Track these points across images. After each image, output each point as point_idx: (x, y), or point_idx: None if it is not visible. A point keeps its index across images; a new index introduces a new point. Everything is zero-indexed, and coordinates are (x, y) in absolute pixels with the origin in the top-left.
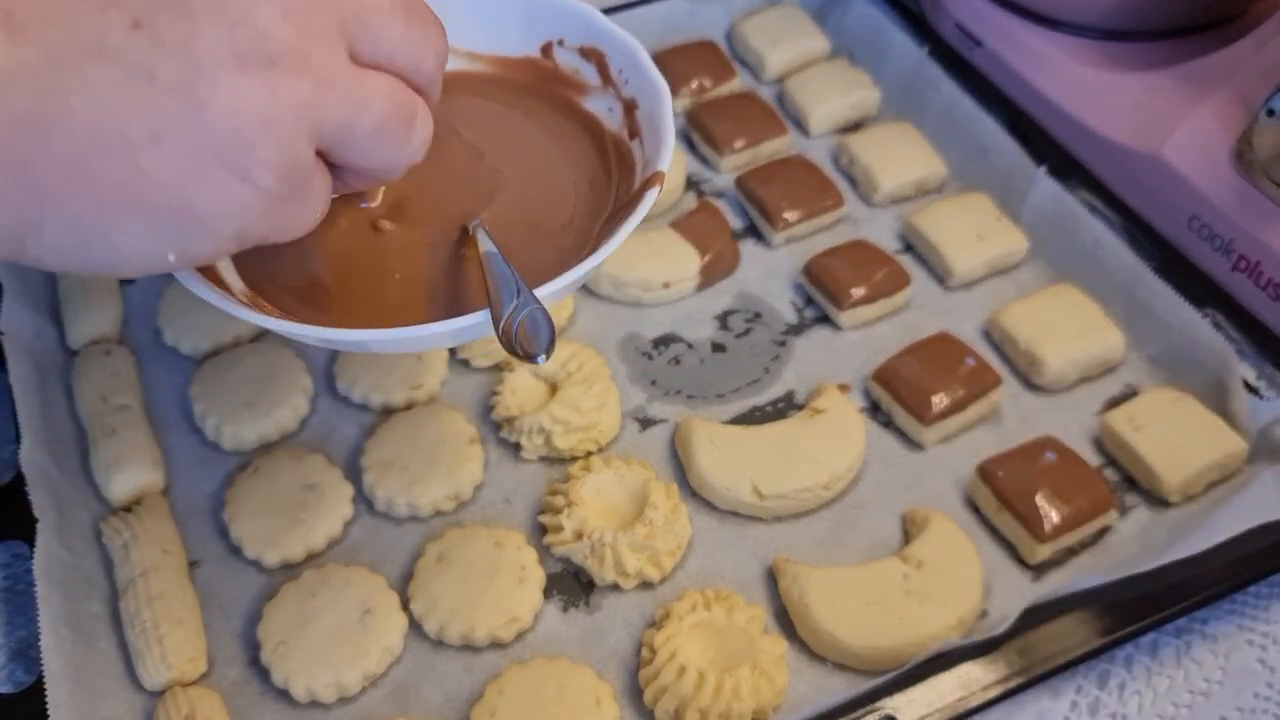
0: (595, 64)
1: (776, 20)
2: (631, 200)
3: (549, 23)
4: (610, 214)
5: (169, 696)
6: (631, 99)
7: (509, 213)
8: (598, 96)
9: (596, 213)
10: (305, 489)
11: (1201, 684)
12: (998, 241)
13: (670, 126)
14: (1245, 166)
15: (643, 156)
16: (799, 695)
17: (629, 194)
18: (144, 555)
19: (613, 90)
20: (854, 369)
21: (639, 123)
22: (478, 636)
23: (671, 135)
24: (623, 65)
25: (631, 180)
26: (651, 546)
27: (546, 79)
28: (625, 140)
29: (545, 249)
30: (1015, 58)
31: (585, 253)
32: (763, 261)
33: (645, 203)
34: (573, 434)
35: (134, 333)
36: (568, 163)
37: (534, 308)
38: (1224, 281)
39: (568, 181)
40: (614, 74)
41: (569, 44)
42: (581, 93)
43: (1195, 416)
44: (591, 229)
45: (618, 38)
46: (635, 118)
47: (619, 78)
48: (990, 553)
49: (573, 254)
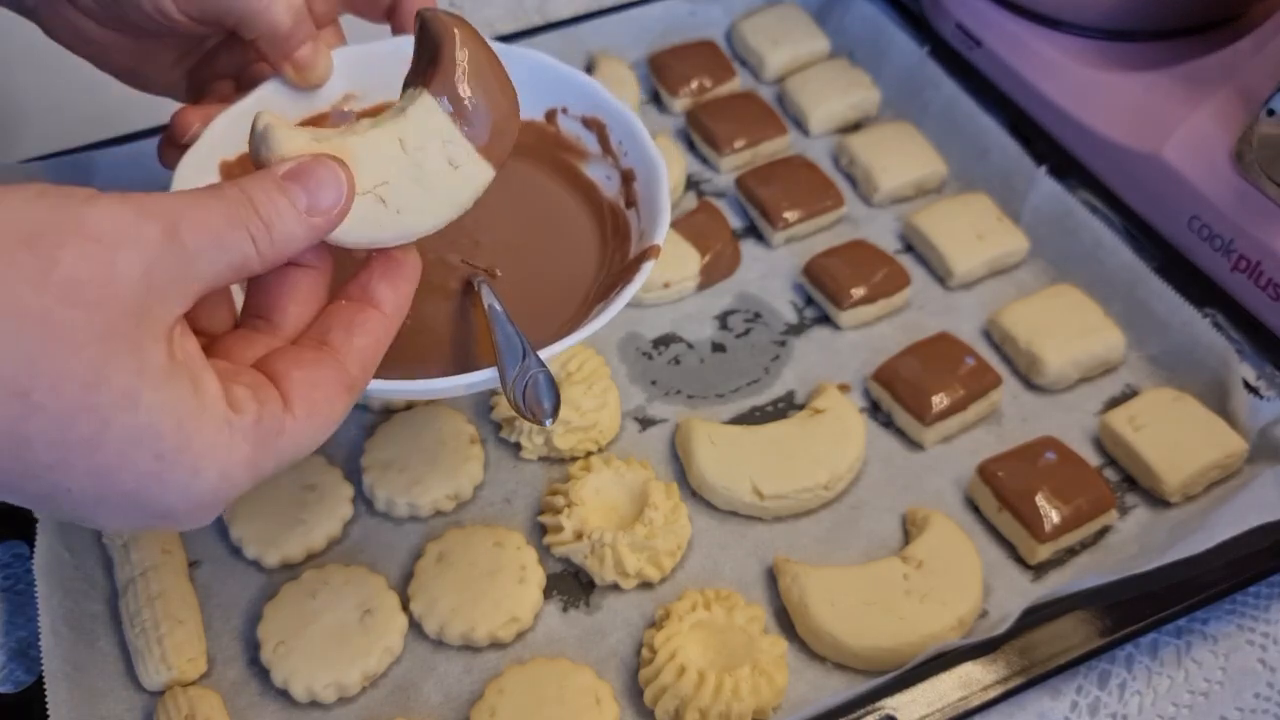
0: (596, 133)
1: (776, 20)
2: (627, 270)
3: (554, 91)
4: (605, 277)
5: (169, 696)
6: (630, 170)
7: (510, 268)
8: (597, 164)
9: (592, 272)
10: (305, 489)
11: (1202, 684)
12: (998, 241)
13: (666, 201)
14: (1245, 167)
15: (638, 227)
16: (799, 695)
17: (624, 261)
18: (144, 555)
19: (611, 160)
20: (854, 369)
21: (636, 193)
22: (478, 636)
23: (668, 210)
24: (622, 138)
25: (627, 247)
26: (651, 546)
27: (549, 143)
28: (622, 209)
29: (544, 304)
30: (1016, 58)
31: (581, 309)
32: (763, 261)
33: (641, 274)
34: (573, 434)
35: None
36: (567, 222)
37: (538, 371)
38: (1224, 281)
39: (566, 240)
40: (613, 144)
41: (572, 112)
42: (582, 159)
43: (1195, 416)
44: (587, 287)
45: (617, 110)
46: (633, 188)
47: (618, 148)
48: (990, 553)
49: (568, 310)
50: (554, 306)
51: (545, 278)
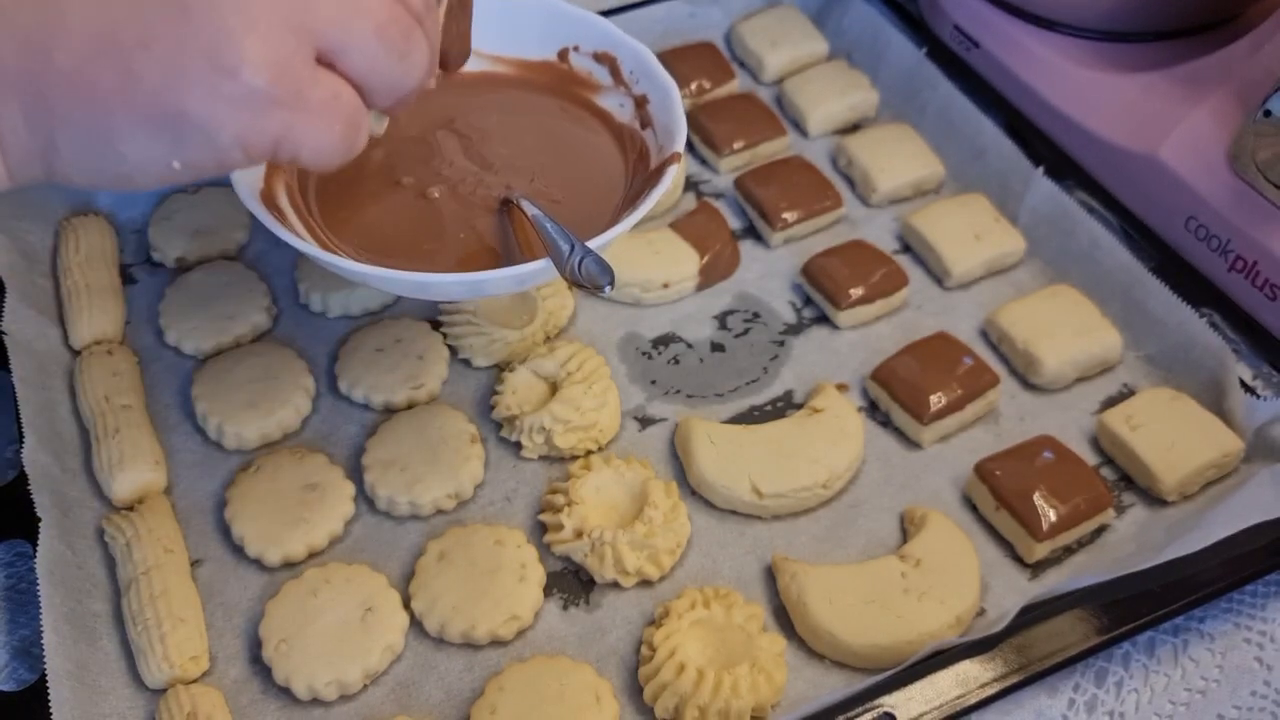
0: (608, 67)
1: (775, 22)
2: (652, 176)
3: (566, 31)
4: (627, 193)
5: (171, 695)
6: (642, 95)
7: (539, 189)
8: (609, 94)
9: (614, 190)
10: (307, 488)
11: (1199, 682)
12: (995, 242)
13: (682, 115)
14: (1242, 167)
15: (656, 143)
16: (797, 693)
17: (645, 174)
18: (146, 554)
19: (624, 89)
20: (852, 369)
21: (650, 115)
22: (478, 634)
23: (684, 122)
24: (633, 68)
25: (646, 163)
26: (651, 545)
27: (563, 79)
28: (638, 130)
29: (580, 216)
30: (1013, 59)
31: (613, 218)
32: (761, 262)
33: (668, 176)
34: (573, 433)
35: (136, 333)
36: (590, 146)
37: (590, 254)
38: (1221, 281)
39: (592, 160)
40: (625, 75)
41: (584, 50)
42: (595, 91)
43: (1192, 416)
44: (609, 205)
45: (629, 44)
46: (647, 110)
47: (630, 78)
48: (988, 551)
49: (602, 220)
50: (589, 219)
51: (578, 192)
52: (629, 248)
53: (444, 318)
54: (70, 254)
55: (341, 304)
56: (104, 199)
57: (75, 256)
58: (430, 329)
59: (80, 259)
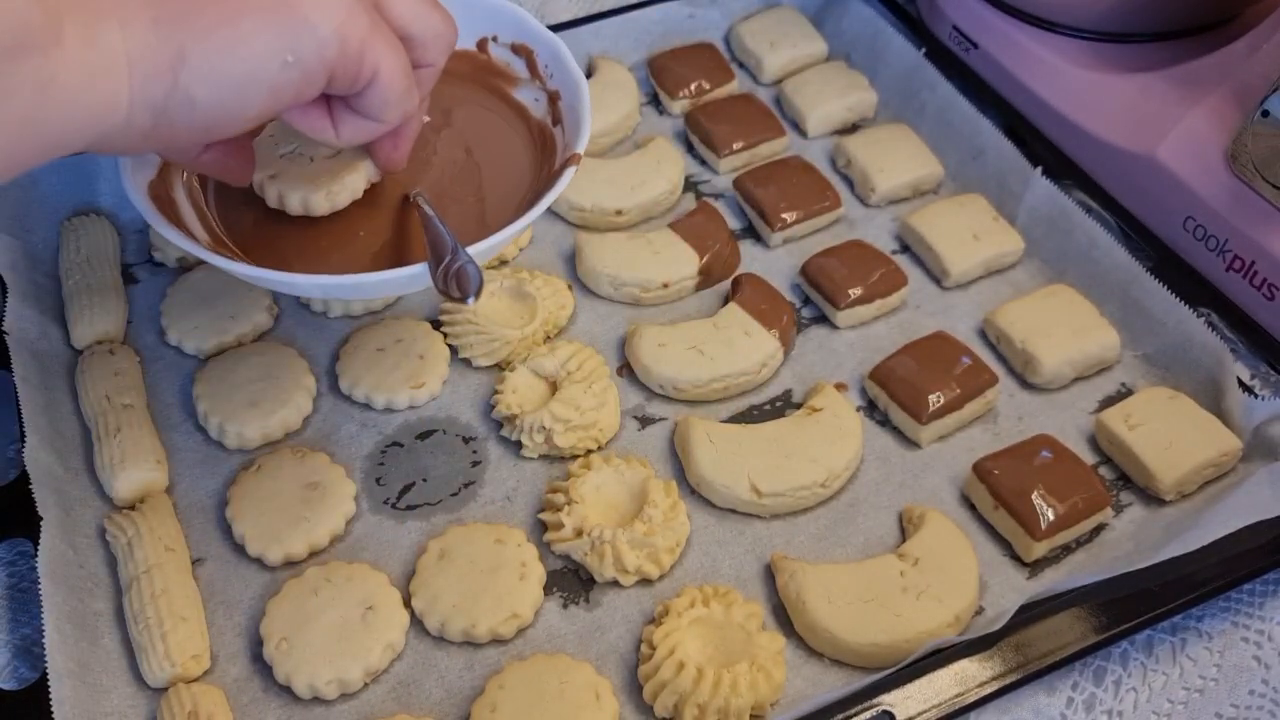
0: (524, 59)
1: (774, 23)
2: (552, 177)
3: (484, 21)
4: (533, 189)
5: (172, 693)
6: (555, 91)
7: (446, 184)
8: (526, 88)
9: (522, 187)
10: (308, 487)
11: (1197, 681)
12: (994, 242)
13: (588, 116)
14: (1240, 167)
15: (564, 141)
16: (796, 691)
17: (550, 173)
18: (147, 553)
19: (539, 83)
20: (851, 368)
21: (561, 112)
22: (479, 633)
23: (588, 123)
24: (548, 61)
25: (554, 161)
26: (650, 544)
27: (481, 70)
28: (549, 126)
29: (483, 214)
30: (1011, 60)
31: (514, 217)
32: (760, 262)
33: (564, 178)
34: (573, 432)
35: (138, 332)
36: (501, 141)
37: (466, 262)
38: (1219, 281)
39: (502, 157)
40: (540, 69)
41: (502, 40)
42: (512, 84)
43: (1190, 415)
44: (520, 197)
45: (544, 37)
46: (558, 107)
47: (544, 72)
48: (986, 550)
49: (504, 218)
50: (492, 216)
51: (484, 190)
52: (629, 248)
53: (445, 318)
54: (72, 254)
55: (343, 304)
56: (106, 199)
57: (77, 256)
58: (431, 329)
59: (82, 259)
